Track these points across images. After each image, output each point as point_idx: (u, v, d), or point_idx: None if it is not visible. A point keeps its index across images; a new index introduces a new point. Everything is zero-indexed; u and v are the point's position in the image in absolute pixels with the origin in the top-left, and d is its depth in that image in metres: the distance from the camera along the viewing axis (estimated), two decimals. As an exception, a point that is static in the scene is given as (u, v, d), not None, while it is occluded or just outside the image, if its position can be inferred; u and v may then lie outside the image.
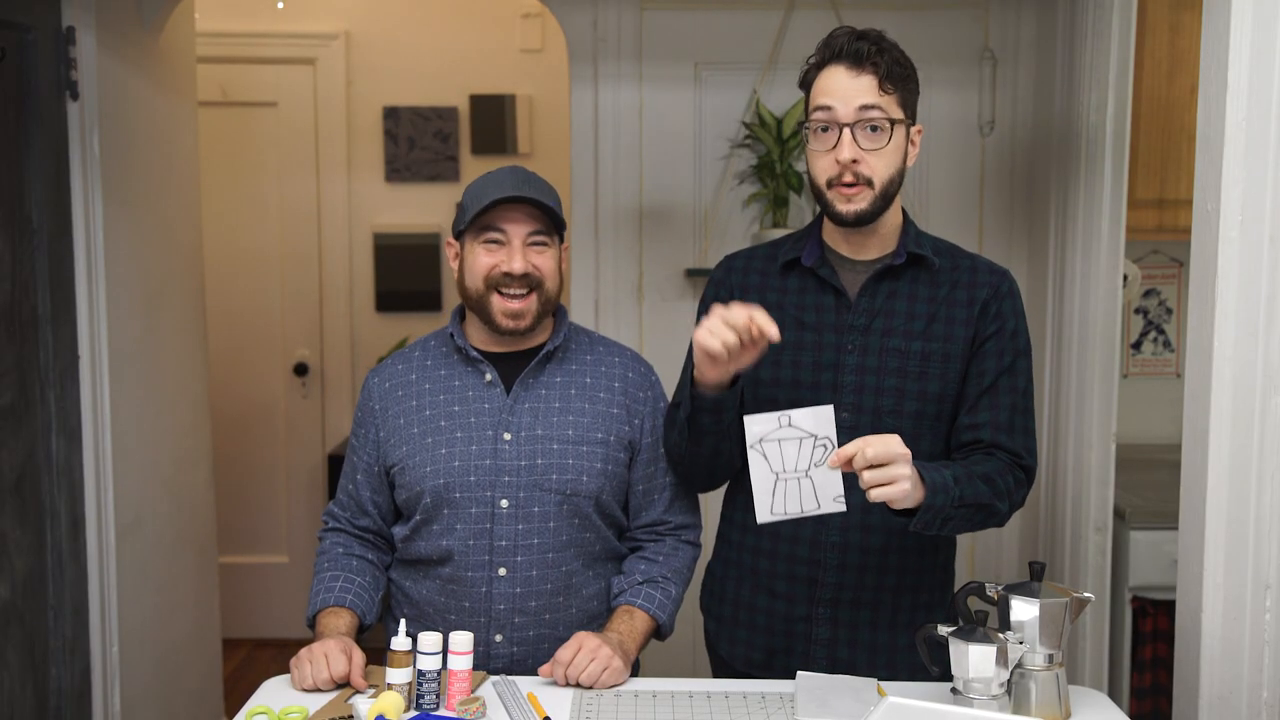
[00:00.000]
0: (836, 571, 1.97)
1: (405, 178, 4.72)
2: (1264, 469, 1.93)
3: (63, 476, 2.73)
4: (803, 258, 1.98)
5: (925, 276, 1.96)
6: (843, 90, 1.85)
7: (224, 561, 4.22)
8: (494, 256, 2.00)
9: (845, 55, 1.87)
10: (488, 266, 2.00)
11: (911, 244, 1.95)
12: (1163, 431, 3.58)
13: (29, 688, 2.60)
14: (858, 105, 1.85)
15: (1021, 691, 1.75)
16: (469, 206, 2.02)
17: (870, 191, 1.87)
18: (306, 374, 4.77)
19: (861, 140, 1.85)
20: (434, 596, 2.05)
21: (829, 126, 1.87)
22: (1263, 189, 1.90)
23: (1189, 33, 3.13)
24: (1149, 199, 3.18)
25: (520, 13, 4.60)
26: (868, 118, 1.85)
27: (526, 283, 2.00)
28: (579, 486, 2.02)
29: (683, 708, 1.83)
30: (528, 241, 2.01)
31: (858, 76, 1.85)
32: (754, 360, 1.82)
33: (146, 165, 3.17)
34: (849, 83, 1.85)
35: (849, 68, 1.86)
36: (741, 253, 2.12)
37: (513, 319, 2.01)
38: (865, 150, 1.85)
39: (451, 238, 2.09)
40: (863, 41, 1.86)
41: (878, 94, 1.85)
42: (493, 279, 2.00)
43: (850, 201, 1.88)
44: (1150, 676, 3.06)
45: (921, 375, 1.93)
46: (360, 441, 2.12)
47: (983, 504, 1.85)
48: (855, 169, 1.86)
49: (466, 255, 2.04)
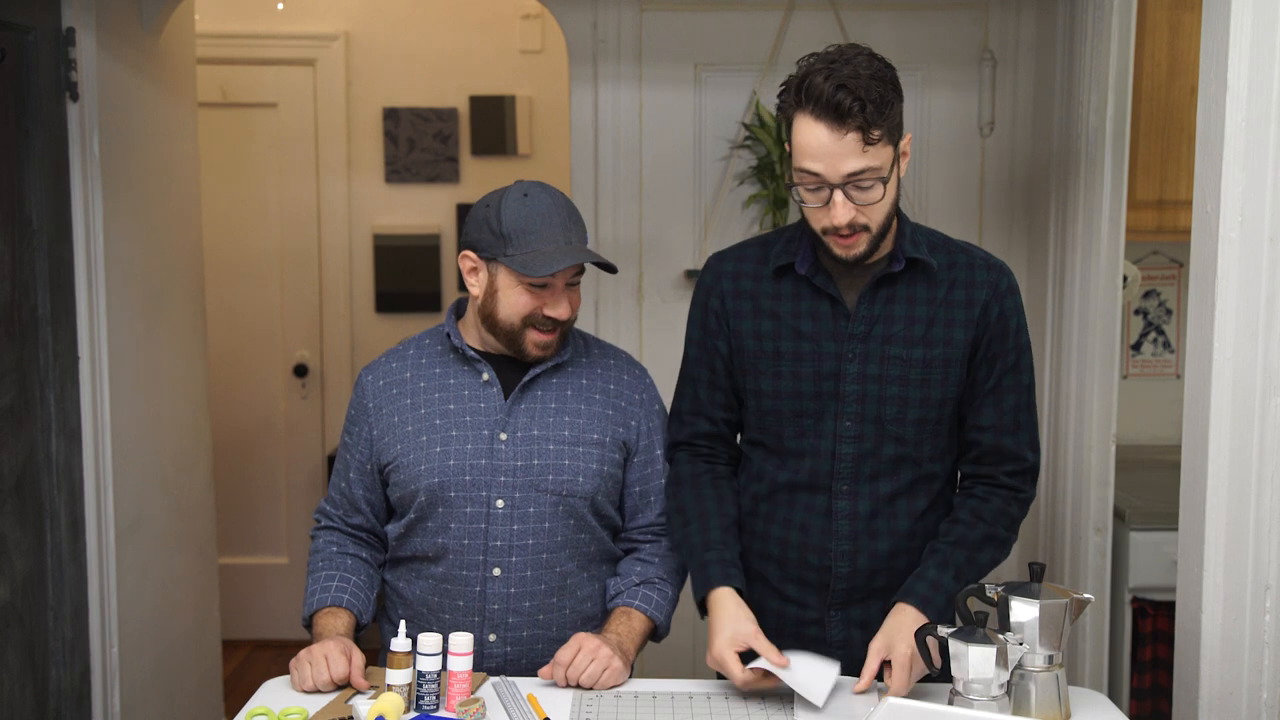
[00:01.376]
0: (848, 576, 1.97)
1: (405, 179, 4.72)
2: (1264, 469, 1.93)
3: (63, 477, 2.73)
4: (796, 265, 1.94)
5: (923, 279, 1.93)
6: (827, 154, 1.76)
7: (224, 562, 4.22)
8: (537, 299, 1.98)
9: (825, 109, 1.74)
10: (530, 307, 1.98)
11: (908, 246, 1.91)
12: (1163, 432, 3.58)
13: (29, 689, 2.60)
14: (845, 172, 1.76)
15: (1021, 692, 1.75)
16: (516, 243, 1.94)
17: (868, 235, 1.84)
18: (306, 375, 4.77)
19: (854, 196, 1.79)
20: (428, 596, 2.05)
21: (819, 187, 1.80)
22: (1262, 190, 1.90)
23: (1189, 34, 3.13)
24: (1149, 200, 3.18)
25: (520, 13, 4.60)
26: (857, 180, 1.78)
27: (562, 324, 2.01)
28: (575, 487, 2.02)
29: (682, 708, 1.83)
30: (567, 282, 2.00)
31: (841, 137, 1.74)
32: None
33: (146, 166, 3.17)
34: (833, 146, 1.75)
35: (830, 127, 1.74)
36: (729, 253, 2.05)
37: (543, 349, 2.02)
38: (859, 206, 1.80)
39: (470, 251, 2.02)
40: (842, 93, 1.73)
41: (863, 153, 1.75)
42: (532, 319, 1.99)
43: (849, 249, 1.85)
44: (1150, 677, 3.06)
45: (924, 383, 1.92)
46: (354, 439, 2.11)
47: (985, 567, 1.93)
48: (852, 223, 1.81)
49: (501, 286, 1.99)
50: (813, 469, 1.95)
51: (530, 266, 1.93)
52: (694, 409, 2.06)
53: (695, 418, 2.06)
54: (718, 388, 2.03)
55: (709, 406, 2.04)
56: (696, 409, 2.06)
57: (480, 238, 1.99)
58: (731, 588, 1.89)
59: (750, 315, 1.98)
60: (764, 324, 1.97)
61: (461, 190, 4.69)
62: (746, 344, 1.98)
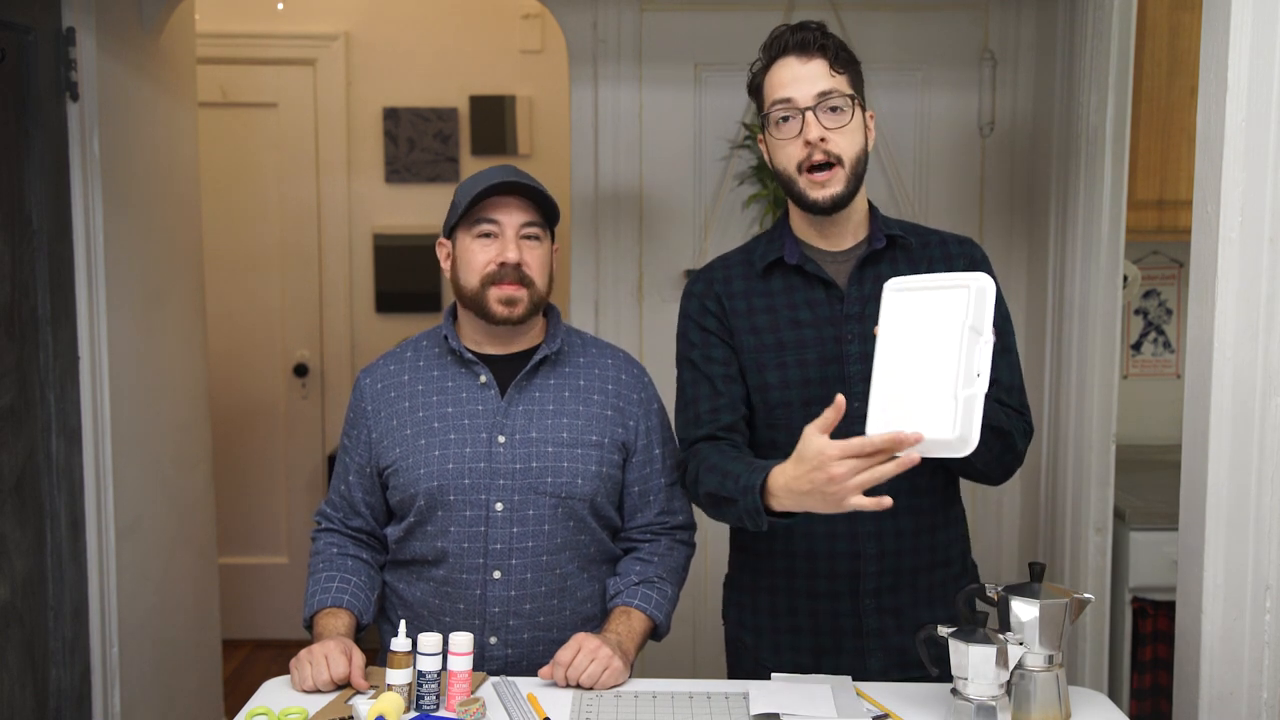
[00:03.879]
0: (877, 560, 1.98)
1: (405, 179, 4.72)
2: (1264, 469, 1.93)
3: (63, 477, 2.73)
4: (785, 256, 1.98)
5: (904, 257, 1.99)
6: (797, 78, 1.88)
7: (224, 562, 4.22)
8: (488, 250, 2.01)
9: (792, 46, 1.90)
10: (483, 262, 2.00)
11: (884, 228, 1.99)
12: (1163, 432, 3.58)
13: (29, 689, 2.60)
14: (815, 91, 1.87)
15: (1021, 692, 1.75)
16: (460, 200, 2.03)
17: (842, 171, 1.89)
18: (306, 375, 4.77)
19: (825, 120, 1.88)
20: (428, 599, 2.05)
21: (790, 115, 1.89)
22: (1263, 190, 1.90)
23: (1189, 34, 3.13)
24: (1149, 200, 3.18)
25: (520, 13, 4.59)
26: (827, 101, 1.88)
27: (519, 275, 2.00)
28: (574, 489, 2.02)
29: (683, 708, 1.83)
30: (521, 233, 2.01)
31: (808, 62, 1.88)
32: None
33: (146, 166, 3.17)
34: (801, 70, 1.88)
35: (798, 56, 1.89)
36: (713, 263, 2.08)
37: (507, 305, 2.00)
38: (830, 130, 1.88)
39: (443, 238, 2.10)
40: (805, 31, 1.90)
41: (830, 76, 1.88)
42: (489, 275, 2.00)
43: (824, 187, 1.89)
44: (1150, 677, 3.06)
45: None
46: (352, 442, 2.11)
47: (1003, 429, 1.86)
48: (824, 147, 1.87)
49: (460, 252, 2.05)
50: None
51: (469, 204, 1.99)
52: (713, 406, 1.99)
53: (716, 413, 1.98)
54: (733, 379, 1.99)
55: (730, 399, 1.98)
56: (716, 405, 1.99)
57: (445, 222, 2.09)
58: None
59: (745, 313, 1.99)
60: (760, 319, 1.98)
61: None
62: (746, 340, 1.98)
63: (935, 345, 1.63)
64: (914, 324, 1.67)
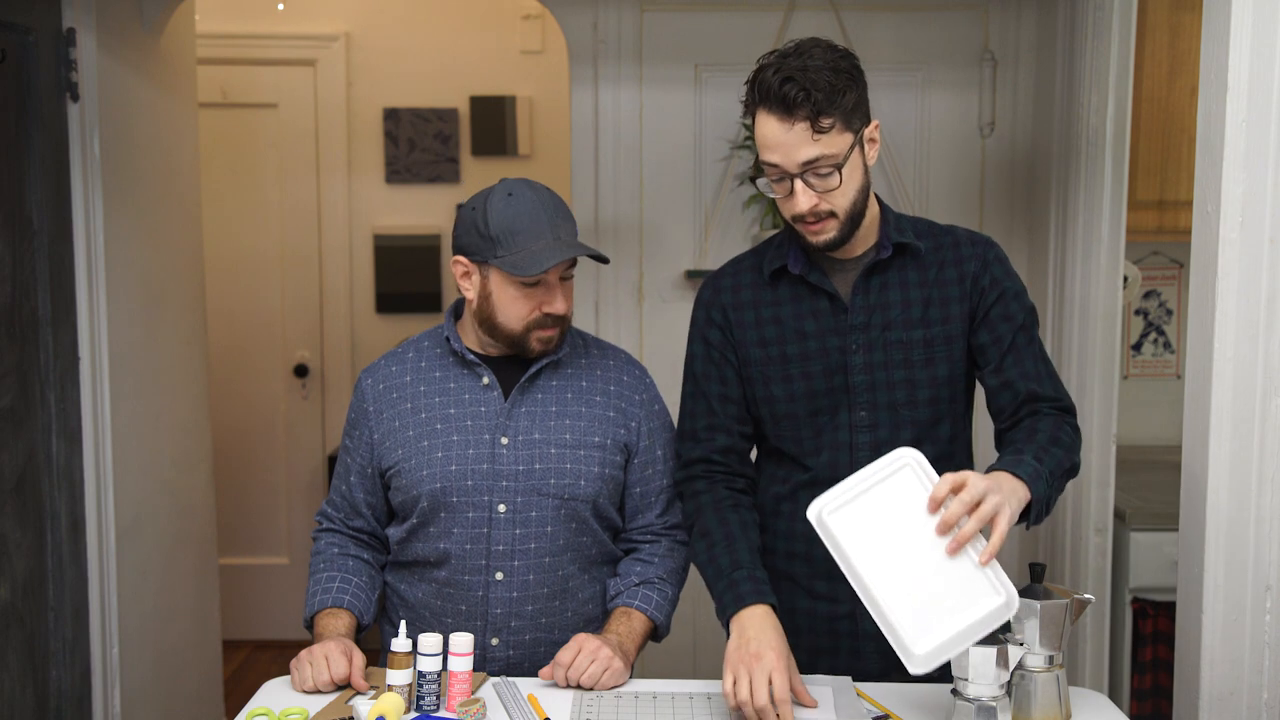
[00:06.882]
0: None
1: (405, 179, 4.72)
2: (1264, 470, 1.93)
3: (63, 478, 2.73)
4: (789, 265, 1.96)
5: (912, 263, 1.96)
6: (780, 145, 1.80)
7: (224, 563, 4.22)
8: (533, 298, 1.97)
9: (774, 102, 1.79)
10: (528, 310, 1.97)
11: (894, 233, 1.95)
12: (1163, 432, 3.58)
13: (29, 689, 2.60)
14: (800, 160, 1.80)
15: (1022, 693, 1.75)
16: (505, 244, 1.93)
17: (835, 221, 1.86)
18: (306, 375, 4.77)
19: (813, 184, 1.83)
20: (430, 600, 2.05)
21: (780, 178, 1.84)
22: (1263, 190, 1.90)
23: (1189, 34, 3.13)
24: (1149, 200, 3.18)
25: (520, 14, 4.60)
26: (814, 169, 1.81)
27: (560, 319, 2.01)
28: (576, 491, 2.02)
29: (683, 708, 1.83)
30: (562, 276, 2.00)
31: (790, 128, 1.79)
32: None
33: (147, 167, 3.17)
34: (784, 136, 1.80)
35: (780, 119, 1.79)
36: (724, 269, 2.08)
37: (546, 344, 2.02)
38: (819, 194, 1.83)
39: (462, 256, 2.01)
40: (789, 85, 1.77)
41: (813, 142, 1.79)
42: (534, 322, 1.99)
43: (819, 235, 1.87)
44: (1151, 678, 3.06)
45: (928, 362, 1.93)
46: (354, 443, 2.11)
47: (1064, 468, 1.84)
48: (815, 210, 1.84)
49: (495, 290, 1.98)
50: (831, 462, 1.95)
51: (521, 266, 1.92)
52: (709, 424, 2.02)
53: (711, 433, 2.02)
54: (730, 399, 2.02)
55: (724, 419, 2.02)
56: (712, 424, 2.02)
57: (469, 241, 1.98)
58: (768, 605, 1.85)
59: (753, 325, 1.99)
60: (767, 330, 1.97)
61: (462, 191, 4.70)
62: (753, 353, 1.98)
63: (920, 534, 1.65)
64: (878, 530, 1.67)
